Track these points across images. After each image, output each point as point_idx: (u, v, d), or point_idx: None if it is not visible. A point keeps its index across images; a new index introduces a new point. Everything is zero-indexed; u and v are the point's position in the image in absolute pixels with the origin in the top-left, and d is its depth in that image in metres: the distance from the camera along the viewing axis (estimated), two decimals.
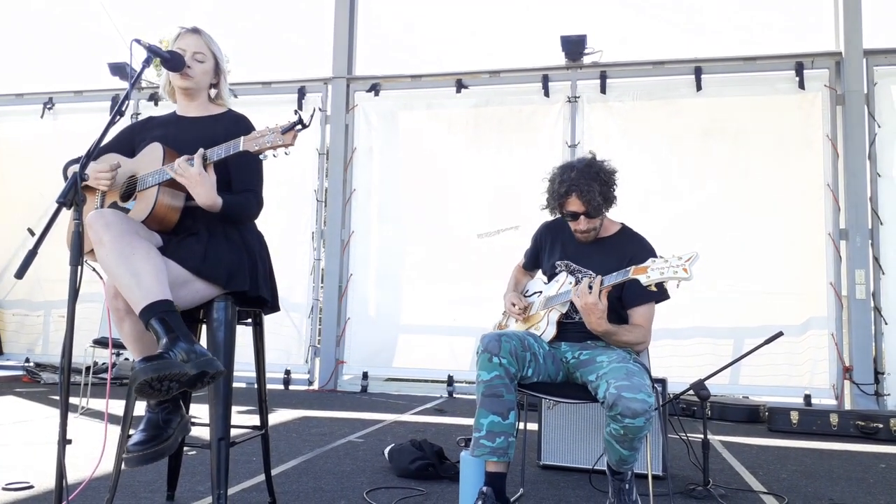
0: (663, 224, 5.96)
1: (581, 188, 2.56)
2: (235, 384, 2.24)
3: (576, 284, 2.52)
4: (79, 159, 2.16)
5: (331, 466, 3.33)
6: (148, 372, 1.79)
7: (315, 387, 7.01)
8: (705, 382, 2.92)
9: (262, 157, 2.10)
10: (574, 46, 6.79)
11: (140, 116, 7.49)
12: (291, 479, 3.05)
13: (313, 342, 7.19)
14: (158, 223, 2.19)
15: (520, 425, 2.46)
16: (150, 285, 1.94)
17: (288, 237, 7.10)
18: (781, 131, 6.33)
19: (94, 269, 2.10)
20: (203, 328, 2.33)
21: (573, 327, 2.61)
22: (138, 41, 2.12)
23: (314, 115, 2.22)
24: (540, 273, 2.91)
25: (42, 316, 7.93)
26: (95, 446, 2.16)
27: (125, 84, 7.82)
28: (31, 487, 2.75)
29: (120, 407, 2.31)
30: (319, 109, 7.29)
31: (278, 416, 4.96)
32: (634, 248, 2.60)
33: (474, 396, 2.45)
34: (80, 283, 1.85)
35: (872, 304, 6.04)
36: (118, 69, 7.85)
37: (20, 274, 1.81)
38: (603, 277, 2.42)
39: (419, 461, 3.11)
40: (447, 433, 4.38)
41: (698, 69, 6.53)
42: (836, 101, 6.31)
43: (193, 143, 2.19)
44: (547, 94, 6.86)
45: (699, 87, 6.52)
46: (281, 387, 6.95)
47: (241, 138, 2.09)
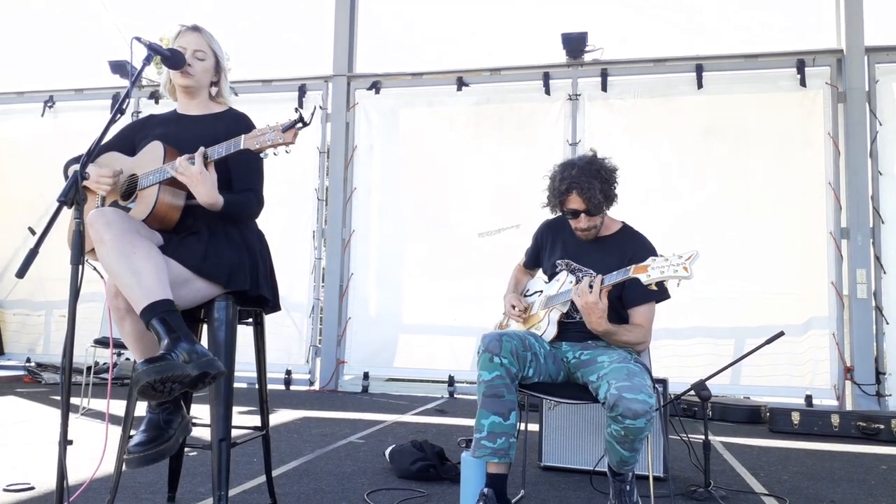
0: (664, 222, 5.96)
1: (582, 185, 2.55)
2: (236, 384, 2.23)
3: (576, 283, 2.51)
4: (79, 158, 2.15)
5: (332, 467, 3.33)
6: (151, 374, 1.78)
7: (316, 387, 7.00)
8: (706, 383, 2.92)
9: (262, 155, 2.09)
10: (575, 44, 6.78)
11: (141, 114, 7.47)
12: (292, 480, 3.04)
13: (314, 342, 7.19)
14: (159, 222, 2.18)
15: (521, 426, 2.45)
16: (151, 285, 1.93)
17: (289, 236, 7.09)
18: (782, 129, 6.31)
19: (94, 269, 2.10)
20: (204, 328, 2.32)
21: (574, 327, 2.60)
22: (139, 39, 2.11)
23: (315, 113, 2.21)
24: (540, 272, 2.90)
25: (43, 316, 7.93)
26: (96, 447, 2.15)
27: (126, 82, 7.80)
28: (32, 488, 2.74)
29: (121, 407, 2.30)
30: (320, 107, 7.28)
31: (279, 417, 4.95)
32: (635, 247, 2.59)
33: (475, 397, 2.44)
34: (81, 283, 1.84)
35: (874, 304, 6.03)
36: (119, 67, 7.84)
37: (21, 273, 1.81)
38: (603, 276, 2.41)
39: (420, 462, 3.11)
40: (448, 434, 4.38)
41: (699, 67, 6.52)
42: (837, 99, 6.29)
43: (194, 141, 2.18)
44: (548, 91, 6.84)
45: (700, 84, 6.50)
46: (282, 387, 6.95)
47: (242, 136, 2.08)
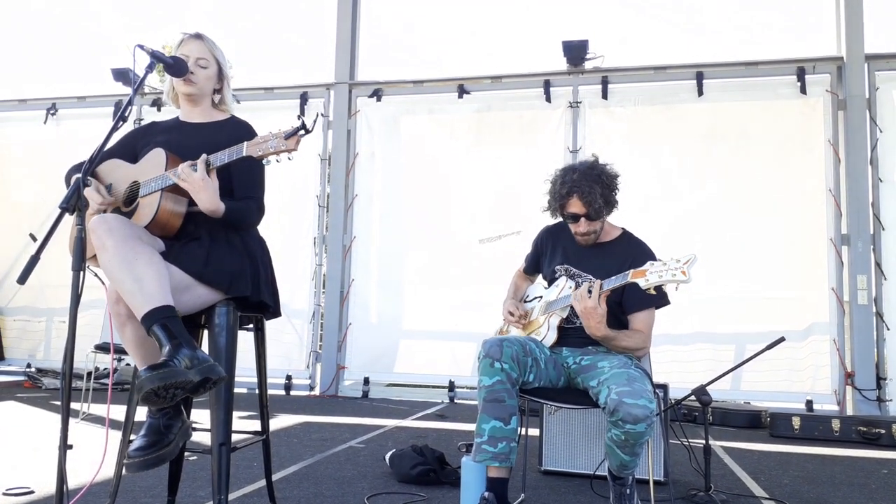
0: (665, 229, 5.97)
1: (583, 189, 2.56)
2: (237, 389, 2.24)
3: (576, 289, 2.52)
4: (81, 166, 2.16)
5: (332, 472, 3.33)
6: (154, 381, 1.79)
7: (316, 392, 7.01)
8: (707, 388, 2.92)
9: (265, 162, 2.10)
10: (576, 52, 6.80)
11: (143, 122, 7.50)
12: (292, 484, 3.04)
13: (315, 347, 7.19)
14: (161, 229, 2.19)
15: (521, 431, 2.46)
16: (153, 291, 1.94)
17: (290, 242, 7.12)
18: (783, 136, 6.33)
19: (95, 275, 2.10)
20: (205, 333, 2.33)
21: (574, 332, 2.61)
22: (141, 46, 2.12)
23: (317, 120, 2.22)
24: (540, 278, 2.91)
25: (44, 322, 7.94)
26: (96, 451, 2.16)
27: (128, 89, 7.84)
28: (31, 493, 2.75)
29: (121, 412, 2.31)
30: (322, 115, 7.30)
31: (279, 422, 4.96)
32: (635, 253, 2.59)
33: (476, 402, 2.45)
34: (83, 289, 1.85)
35: (874, 310, 6.04)
36: (121, 75, 7.87)
37: (23, 279, 1.82)
38: (602, 281, 2.42)
39: (420, 467, 3.11)
40: (448, 439, 4.38)
41: (700, 74, 6.55)
42: (837, 106, 6.31)
43: (196, 148, 2.19)
44: (549, 99, 6.87)
45: (700, 92, 6.53)
46: (282, 392, 6.95)
47: (245, 143, 2.09)
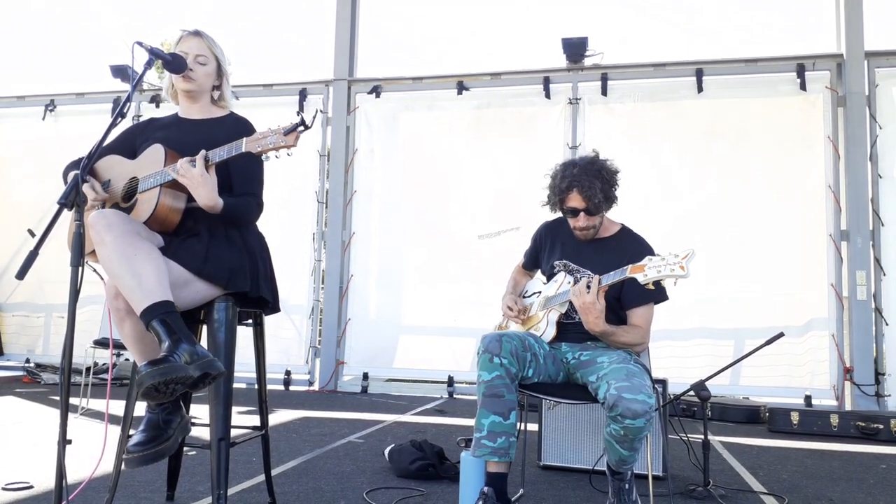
0: (664, 226, 5.97)
1: (583, 184, 2.56)
2: (236, 385, 2.24)
3: (574, 284, 2.52)
4: (78, 163, 2.16)
5: (331, 467, 3.33)
6: (154, 376, 1.79)
7: (315, 387, 7.01)
8: (706, 383, 2.92)
9: (264, 158, 2.10)
10: (575, 48, 6.79)
11: (141, 118, 7.49)
12: (291, 479, 3.05)
13: (314, 343, 7.20)
14: (160, 224, 2.19)
15: (520, 426, 2.46)
16: (152, 286, 1.94)
17: (289, 238, 7.11)
18: (783, 133, 6.33)
19: (94, 270, 2.11)
20: (203, 329, 2.33)
21: (573, 328, 2.61)
22: (140, 43, 2.12)
23: (316, 116, 2.22)
24: (539, 273, 2.91)
25: (43, 318, 7.94)
26: (95, 446, 2.16)
27: (126, 86, 7.82)
28: (30, 487, 2.75)
29: (120, 407, 2.31)
30: (321, 111, 7.30)
31: (278, 417, 4.96)
32: (634, 249, 2.59)
33: (475, 397, 2.45)
34: (81, 284, 1.85)
35: (873, 305, 6.04)
36: (119, 71, 7.86)
37: (21, 275, 1.82)
38: (601, 277, 2.42)
39: (419, 461, 3.12)
40: (447, 434, 4.39)
41: (699, 71, 6.54)
42: (837, 103, 6.31)
43: (195, 144, 2.19)
44: (548, 95, 6.86)
45: (700, 88, 6.52)
46: (281, 387, 6.96)
47: (244, 139, 2.09)
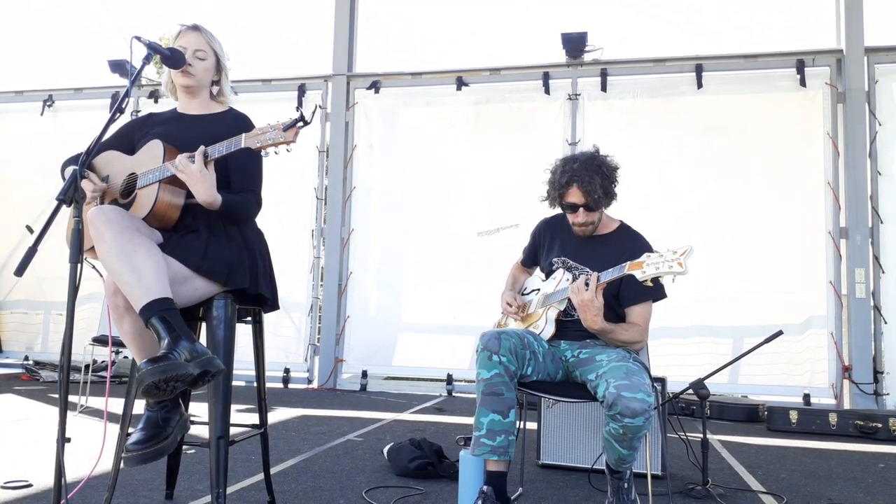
0: (663, 222, 5.97)
1: (583, 179, 2.55)
2: (235, 382, 2.24)
3: (573, 281, 2.52)
4: (77, 157, 2.15)
5: (330, 465, 3.33)
6: (155, 374, 1.79)
7: (314, 385, 7.01)
8: (704, 382, 2.92)
9: (263, 154, 2.09)
10: (575, 44, 6.78)
11: (140, 114, 7.46)
12: (290, 477, 3.04)
13: (313, 340, 7.19)
14: (159, 220, 2.18)
15: (519, 424, 2.45)
16: (151, 283, 1.94)
17: (288, 235, 7.09)
18: (782, 129, 6.32)
19: (93, 267, 2.10)
20: (202, 326, 2.32)
21: (572, 325, 2.60)
22: (138, 38, 2.11)
23: (315, 111, 2.21)
24: (538, 270, 2.90)
25: (42, 315, 7.93)
26: (94, 444, 2.16)
27: (125, 81, 7.81)
28: (29, 486, 2.75)
29: (119, 405, 2.30)
30: (319, 107, 7.27)
31: (277, 415, 4.96)
32: (633, 246, 2.58)
33: (474, 395, 2.45)
34: (80, 281, 1.85)
35: (872, 303, 6.04)
36: (118, 66, 7.84)
37: (20, 271, 1.81)
38: (599, 274, 2.41)
39: (418, 460, 3.11)
40: (446, 432, 4.38)
41: (699, 67, 6.52)
42: (836, 99, 6.30)
43: (194, 140, 2.18)
44: (547, 91, 6.85)
45: (700, 84, 6.51)
46: (280, 385, 6.95)
47: (243, 135, 2.08)
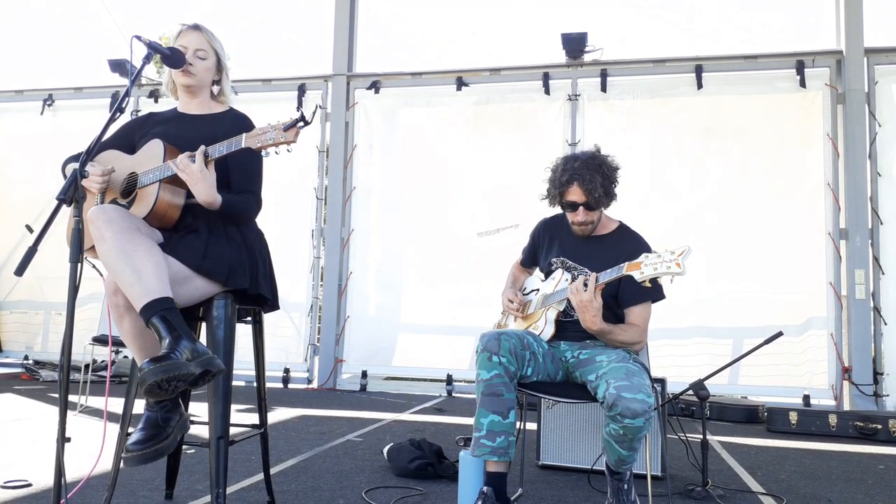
0: (663, 222, 5.97)
1: (583, 177, 2.55)
2: (234, 382, 2.24)
3: (572, 281, 2.51)
4: (78, 156, 2.15)
5: (329, 465, 3.33)
6: (157, 373, 1.79)
7: (314, 385, 7.01)
8: (704, 382, 2.92)
9: (264, 153, 2.09)
10: (575, 44, 6.78)
11: (140, 113, 7.47)
12: (290, 477, 3.04)
13: (312, 340, 7.19)
14: (159, 220, 2.18)
15: (519, 425, 2.45)
16: (152, 282, 1.94)
17: (288, 235, 7.09)
18: (782, 130, 6.32)
19: (93, 266, 2.10)
20: (203, 326, 2.32)
21: (572, 326, 2.60)
22: (139, 37, 2.11)
23: (316, 111, 2.21)
24: (538, 271, 2.91)
25: (42, 315, 7.92)
26: (94, 444, 2.16)
27: (125, 81, 7.81)
28: (29, 485, 2.74)
29: (119, 404, 2.30)
30: (320, 107, 7.27)
31: (277, 415, 4.95)
32: (632, 246, 2.58)
33: (473, 396, 2.44)
34: (80, 281, 1.84)
35: (872, 305, 6.04)
36: (118, 66, 7.84)
37: (20, 271, 1.81)
38: (598, 274, 2.41)
39: (418, 460, 3.11)
40: (446, 432, 4.38)
41: (699, 67, 6.52)
42: (836, 100, 6.30)
43: (194, 140, 2.18)
44: (548, 91, 6.85)
45: (700, 85, 6.51)
46: (280, 385, 6.95)
47: (243, 135, 2.09)
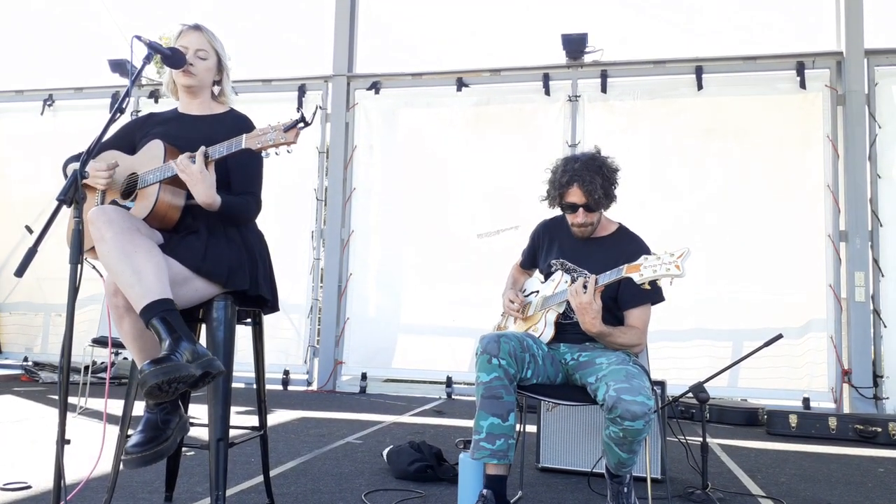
0: (663, 224, 5.97)
1: (584, 179, 2.55)
2: (234, 384, 2.23)
3: (571, 283, 2.51)
4: (78, 156, 2.14)
5: (329, 468, 3.32)
6: (158, 375, 1.79)
7: (314, 387, 6.99)
8: (704, 385, 2.92)
9: (264, 154, 2.09)
10: (575, 45, 6.78)
11: (140, 113, 7.46)
12: (290, 480, 3.04)
13: (312, 342, 7.18)
14: (159, 221, 2.18)
15: (518, 427, 2.45)
16: (152, 284, 1.93)
17: (287, 236, 7.08)
18: (782, 131, 6.32)
19: (93, 267, 2.09)
20: (202, 327, 2.32)
21: (572, 328, 2.60)
22: (139, 38, 2.11)
23: (316, 112, 2.21)
24: (537, 273, 2.90)
25: (42, 316, 7.91)
26: (94, 446, 2.15)
27: (125, 81, 7.80)
28: (28, 487, 2.74)
29: (118, 406, 2.30)
30: (320, 107, 7.27)
31: (277, 417, 4.95)
32: (631, 248, 2.58)
33: (473, 398, 2.44)
34: (80, 282, 1.84)
35: (872, 307, 6.03)
36: (118, 66, 7.83)
37: (20, 272, 1.80)
38: (597, 276, 2.41)
39: (418, 463, 3.11)
40: (446, 435, 4.38)
41: (699, 68, 6.52)
42: (836, 102, 6.29)
43: (195, 140, 2.18)
44: (548, 92, 6.84)
45: (700, 86, 6.51)
46: (279, 387, 6.94)
47: (244, 136, 2.08)
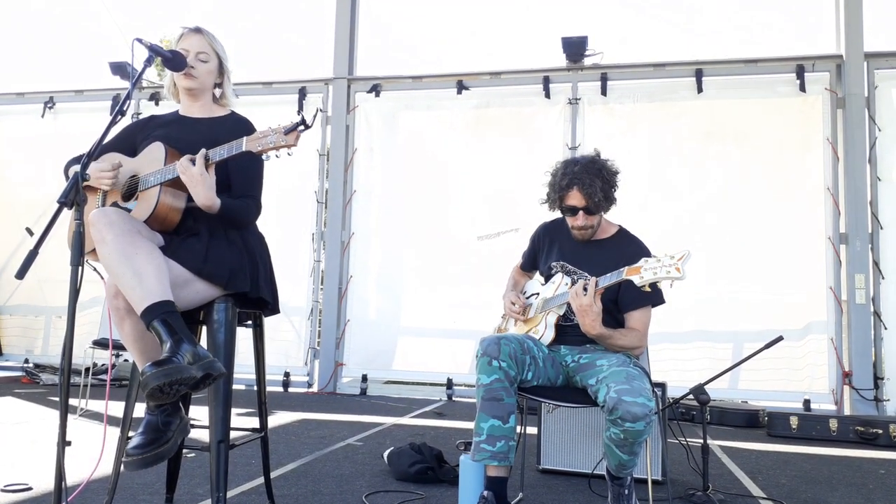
0: (663, 227, 5.97)
1: (584, 181, 2.55)
2: (235, 386, 2.23)
3: (572, 285, 2.51)
4: (80, 158, 2.15)
5: (330, 469, 3.32)
6: (159, 377, 1.79)
7: (314, 389, 7.00)
8: (705, 387, 2.92)
9: (264, 157, 2.09)
10: (575, 48, 6.79)
11: (141, 116, 7.48)
12: (290, 482, 3.04)
13: (313, 344, 7.19)
14: (160, 223, 2.18)
15: (519, 429, 2.45)
16: (152, 286, 1.94)
17: (288, 239, 7.09)
18: (782, 134, 6.33)
19: (94, 269, 2.10)
20: (203, 329, 2.32)
21: (572, 330, 2.60)
22: (140, 40, 2.11)
23: (316, 115, 2.21)
24: (538, 275, 2.90)
25: (42, 318, 7.92)
26: (95, 448, 2.15)
27: (126, 83, 7.81)
28: (29, 489, 2.74)
29: (119, 408, 2.30)
30: (321, 110, 7.28)
31: (277, 419, 4.95)
32: (631, 251, 2.58)
33: (474, 400, 2.44)
34: (81, 284, 1.84)
35: (872, 309, 6.04)
36: (119, 68, 7.85)
37: (21, 274, 1.80)
38: (597, 279, 2.41)
39: (418, 465, 3.11)
40: (446, 437, 4.38)
41: (699, 71, 6.54)
42: (836, 104, 6.31)
43: (195, 143, 2.18)
44: (548, 95, 6.86)
45: (700, 89, 6.52)
46: (280, 389, 6.94)
47: (244, 139, 2.08)
